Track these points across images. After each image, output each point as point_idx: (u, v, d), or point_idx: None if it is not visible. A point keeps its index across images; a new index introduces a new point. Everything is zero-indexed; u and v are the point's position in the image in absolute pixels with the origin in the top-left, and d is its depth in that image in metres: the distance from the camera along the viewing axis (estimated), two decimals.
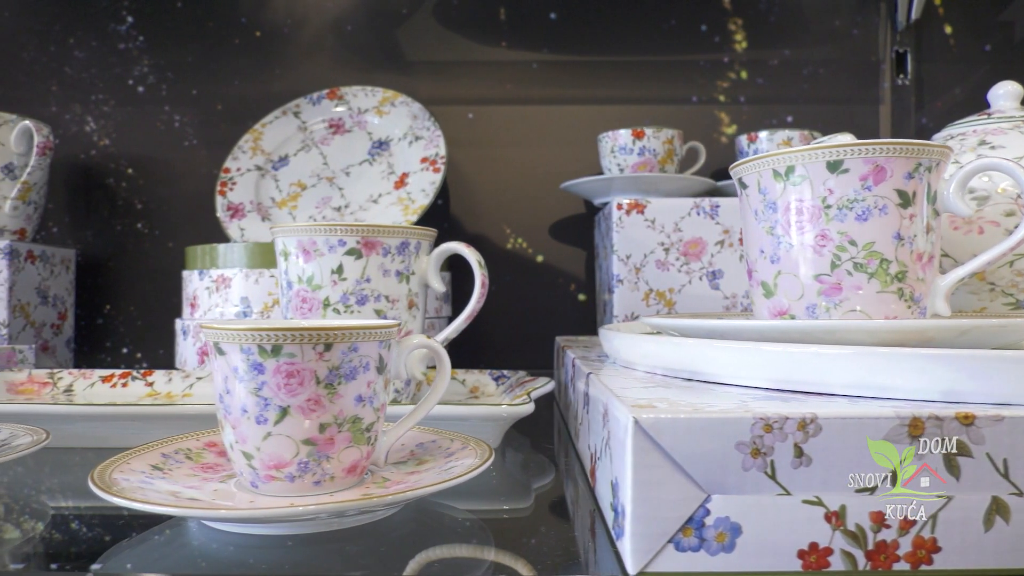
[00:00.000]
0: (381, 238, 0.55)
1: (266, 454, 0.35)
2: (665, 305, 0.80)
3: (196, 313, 0.77)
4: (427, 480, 0.36)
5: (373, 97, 0.94)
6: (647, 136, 0.85)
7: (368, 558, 0.34)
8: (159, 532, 0.38)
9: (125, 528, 0.40)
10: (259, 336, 0.34)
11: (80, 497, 0.46)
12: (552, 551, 0.38)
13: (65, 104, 1.02)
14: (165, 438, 0.42)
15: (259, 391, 0.34)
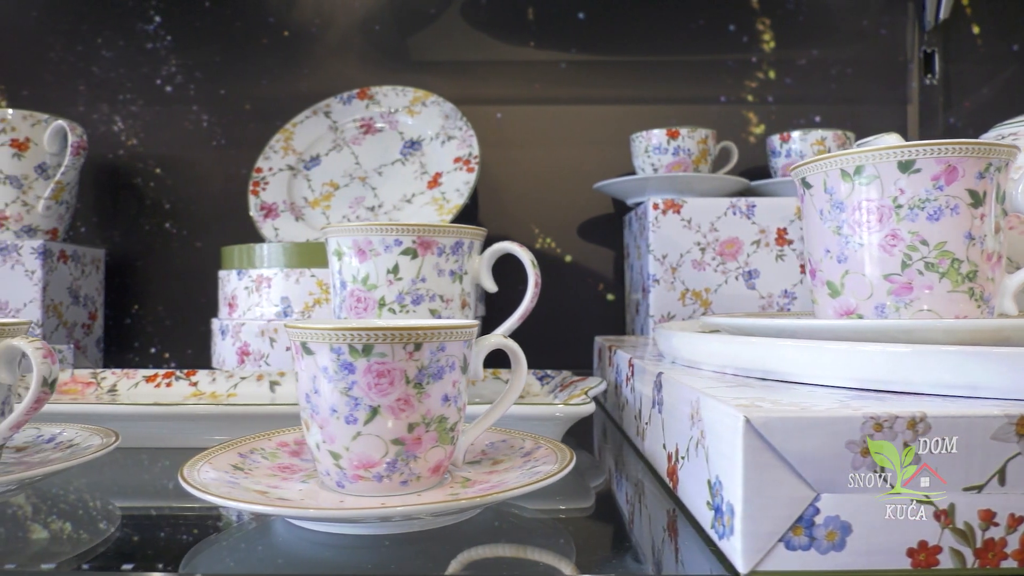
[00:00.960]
0: (436, 237, 0.55)
1: (355, 454, 0.35)
2: (701, 305, 0.80)
3: (235, 313, 0.77)
4: (513, 480, 0.36)
5: (404, 97, 0.94)
6: (682, 136, 0.85)
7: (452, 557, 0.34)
8: (238, 531, 0.38)
9: (202, 528, 0.40)
10: (350, 336, 0.34)
11: (148, 498, 0.46)
12: (629, 550, 0.38)
13: (93, 104, 1.02)
14: (240, 438, 0.42)
15: (349, 391, 0.34)
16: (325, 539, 0.35)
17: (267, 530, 0.37)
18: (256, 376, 0.67)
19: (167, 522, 0.42)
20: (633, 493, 0.47)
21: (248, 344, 0.73)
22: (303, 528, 0.35)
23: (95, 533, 0.38)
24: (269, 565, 0.34)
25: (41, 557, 0.35)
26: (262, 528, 0.37)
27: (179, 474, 0.36)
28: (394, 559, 0.34)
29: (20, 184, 0.85)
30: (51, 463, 0.40)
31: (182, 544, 0.39)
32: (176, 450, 0.53)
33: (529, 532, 0.39)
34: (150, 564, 0.36)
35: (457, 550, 0.35)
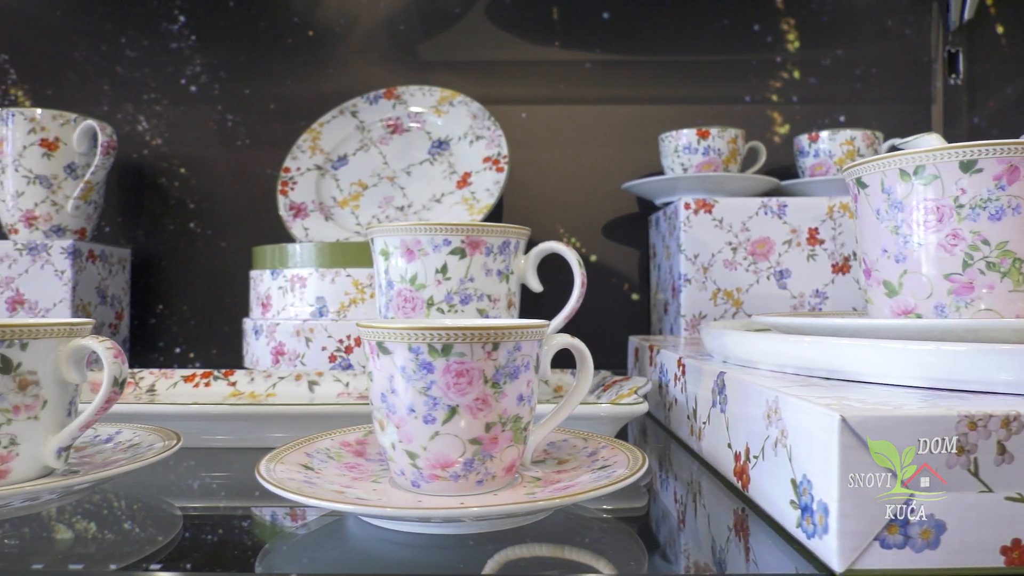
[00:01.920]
0: (485, 237, 0.55)
1: (433, 453, 0.35)
2: (732, 305, 0.81)
3: (268, 313, 0.76)
4: (587, 480, 0.36)
5: (431, 97, 0.94)
6: (712, 136, 0.85)
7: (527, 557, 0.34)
8: (310, 530, 0.38)
9: (266, 528, 0.41)
10: (429, 335, 0.34)
11: (206, 498, 0.46)
12: (694, 549, 0.38)
13: (117, 104, 1.02)
14: (303, 438, 0.42)
15: (427, 390, 0.34)
16: (400, 538, 0.35)
17: (339, 529, 0.37)
18: (294, 376, 0.67)
19: (228, 522, 0.42)
20: (685, 492, 0.47)
21: (283, 344, 0.73)
22: (376, 527, 0.35)
23: (160, 533, 0.38)
24: (346, 564, 0.34)
25: (110, 558, 0.35)
26: (334, 527, 0.38)
27: (257, 473, 0.36)
28: (465, 558, 0.34)
29: (50, 184, 0.85)
30: (118, 464, 0.40)
31: (249, 544, 0.39)
32: (226, 450, 0.53)
33: (601, 531, 0.39)
34: (223, 564, 0.36)
35: (532, 550, 0.35)
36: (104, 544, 0.36)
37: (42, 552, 0.35)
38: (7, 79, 1.01)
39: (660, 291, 0.92)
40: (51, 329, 0.37)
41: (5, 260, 0.83)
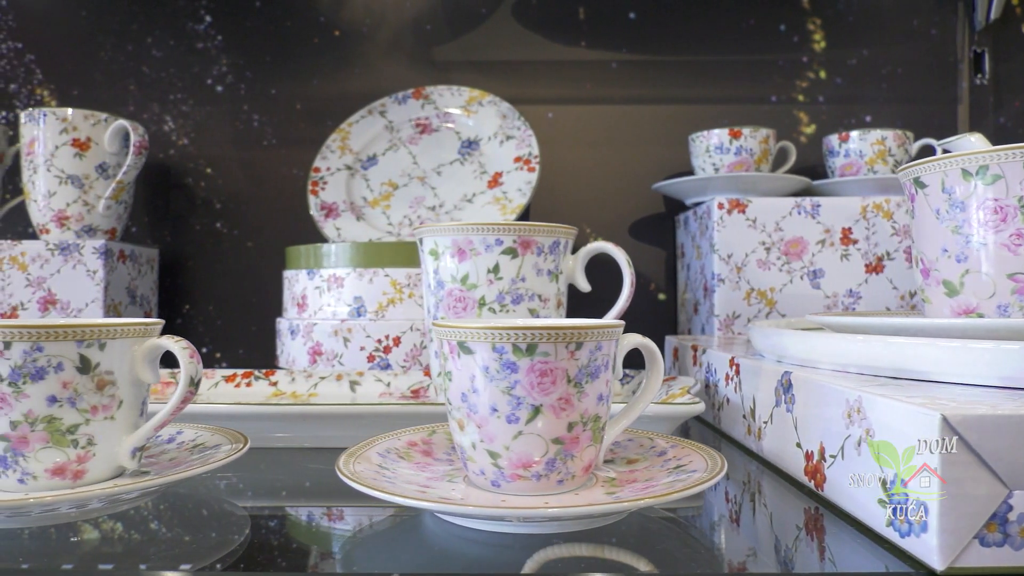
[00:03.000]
0: (536, 237, 0.55)
1: (515, 453, 0.35)
2: (766, 304, 0.81)
3: (304, 313, 0.76)
4: (666, 481, 0.36)
5: (459, 97, 0.94)
6: (744, 135, 0.85)
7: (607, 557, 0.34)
8: (386, 528, 0.38)
9: (337, 527, 0.41)
10: (513, 335, 0.34)
11: (267, 497, 0.46)
12: (760, 547, 0.38)
13: (143, 104, 1.01)
14: (371, 438, 0.42)
15: (511, 390, 0.34)
16: (480, 536, 0.35)
17: (417, 527, 0.37)
18: (335, 376, 0.67)
19: (297, 522, 0.42)
20: (742, 491, 0.47)
21: (320, 344, 0.73)
22: (456, 525, 0.36)
23: (232, 534, 0.38)
24: (428, 563, 0.34)
25: (185, 558, 0.35)
26: (411, 525, 0.38)
27: (339, 471, 0.36)
28: (544, 557, 0.34)
29: (81, 184, 0.85)
30: (189, 463, 0.40)
31: (323, 543, 0.39)
32: (279, 450, 0.53)
33: (675, 532, 0.39)
34: (299, 561, 0.36)
35: (607, 550, 0.35)
36: (178, 545, 0.36)
37: (117, 552, 0.35)
38: (33, 79, 1.01)
39: (689, 291, 0.92)
40: (128, 329, 0.37)
41: (37, 260, 0.83)
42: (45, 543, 0.35)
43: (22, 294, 0.83)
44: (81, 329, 0.35)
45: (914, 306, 0.80)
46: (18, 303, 0.83)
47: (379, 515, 0.40)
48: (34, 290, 0.83)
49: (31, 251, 0.84)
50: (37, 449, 0.35)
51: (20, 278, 0.83)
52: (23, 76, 1.01)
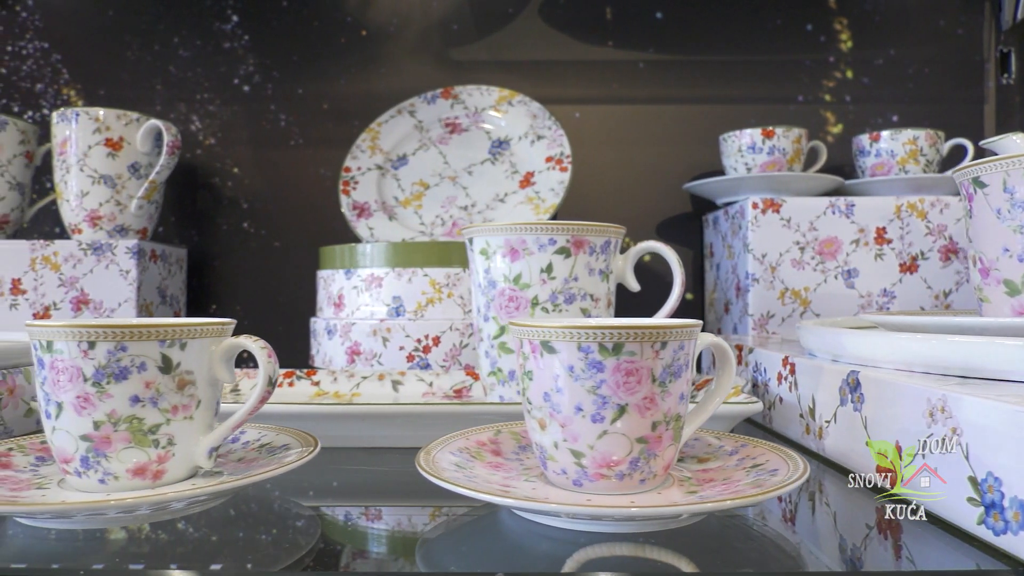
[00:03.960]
0: (589, 236, 0.55)
1: (599, 452, 0.35)
2: (800, 304, 0.81)
3: (341, 312, 0.76)
4: (748, 481, 0.36)
5: (489, 96, 0.94)
6: (777, 135, 0.86)
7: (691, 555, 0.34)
8: (460, 525, 0.38)
9: (406, 525, 0.41)
10: (600, 334, 0.34)
11: (335, 497, 0.46)
12: (827, 545, 0.38)
13: (170, 103, 1.01)
14: (441, 438, 0.42)
15: (597, 389, 0.34)
16: (559, 534, 0.35)
17: (494, 525, 0.37)
18: (377, 376, 0.67)
19: (365, 521, 0.42)
20: (803, 490, 0.47)
21: (359, 343, 0.73)
22: (534, 523, 0.36)
23: (305, 533, 0.38)
24: (510, 560, 0.34)
25: (266, 559, 0.35)
26: (487, 522, 0.38)
27: (421, 469, 0.36)
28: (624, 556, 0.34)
29: (114, 184, 0.85)
30: (259, 463, 0.39)
31: (397, 541, 0.39)
32: (328, 450, 0.52)
33: (752, 534, 0.39)
34: (380, 559, 0.36)
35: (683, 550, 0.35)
36: (253, 545, 0.36)
37: (191, 552, 0.35)
38: (60, 79, 1.01)
39: (719, 290, 0.92)
40: (207, 329, 0.37)
41: (70, 260, 0.83)
42: (116, 543, 0.35)
43: (55, 294, 0.83)
44: (163, 329, 0.35)
45: (948, 305, 0.80)
46: (51, 303, 0.83)
47: (443, 515, 0.41)
48: (67, 290, 0.83)
49: (64, 251, 0.83)
50: (119, 449, 0.35)
51: (53, 278, 0.83)
52: (50, 76, 1.01)
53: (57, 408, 0.35)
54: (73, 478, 0.36)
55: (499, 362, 0.56)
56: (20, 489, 0.36)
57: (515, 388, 0.56)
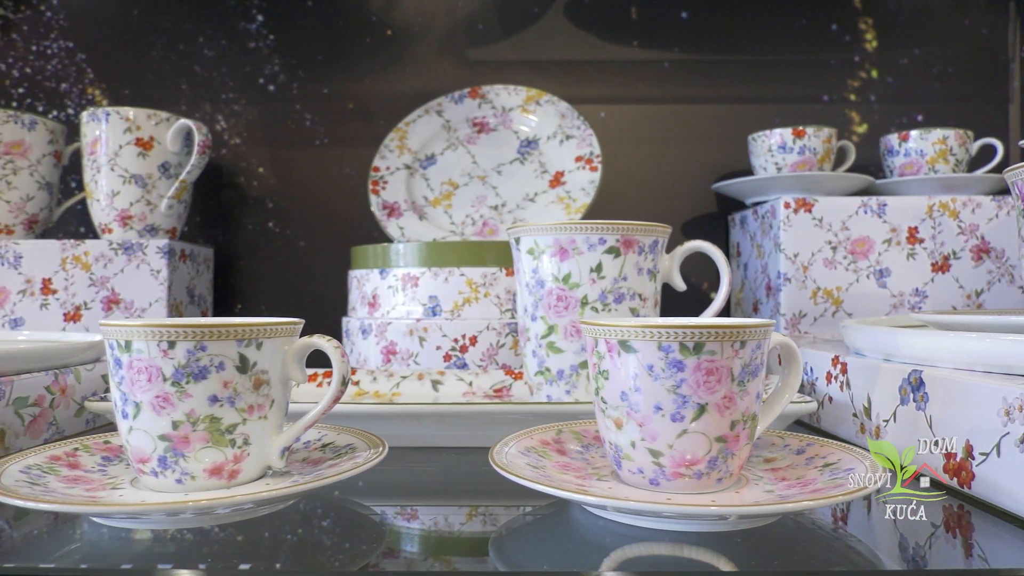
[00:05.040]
0: (638, 236, 0.55)
1: (678, 451, 0.35)
2: (832, 304, 0.81)
3: (376, 312, 0.76)
4: (824, 479, 0.36)
5: (516, 96, 0.94)
6: (808, 135, 0.86)
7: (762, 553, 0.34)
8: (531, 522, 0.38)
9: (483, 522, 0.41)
10: (680, 334, 0.34)
11: (398, 497, 0.46)
12: (890, 545, 0.38)
13: (195, 103, 1.01)
14: (509, 436, 0.42)
15: (677, 388, 0.35)
16: (632, 532, 0.35)
17: (565, 522, 0.37)
18: (416, 376, 0.67)
19: (431, 519, 0.42)
20: None
21: (395, 343, 0.73)
22: (604, 519, 0.36)
23: (373, 533, 0.38)
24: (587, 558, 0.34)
25: (335, 559, 0.35)
26: (558, 519, 0.38)
27: (500, 468, 0.36)
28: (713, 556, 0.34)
29: (144, 183, 0.85)
30: (330, 465, 0.39)
31: (465, 538, 0.39)
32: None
33: (818, 531, 0.39)
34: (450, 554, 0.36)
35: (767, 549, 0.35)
36: (323, 546, 0.36)
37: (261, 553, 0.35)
38: (84, 78, 1.01)
39: (747, 290, 0.93)
40: (281, 328, 0.37)
41: (100, 259, 0.83)
42: (187, 544, 0.35)
43: (85, 294, 0.83)
44: (241, 328, 0.35)
45: (979, 305, 0.80)
46: (81, 303, 0.83)
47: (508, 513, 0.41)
48: (97, 289, 0.83)
49: (94, 250, 0.83)
50: (197, 449, 0.35)
51: (83, 278, 0.83)
52: (74, 76, 1.01)
53: (135, 408, 0.35)
54: (149, 478, 0.36)
55: (547, 361, 0.56)
56: (95, 489, 0.36)
57: (563, 387, 0.56)
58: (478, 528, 0.40)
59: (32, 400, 0.49)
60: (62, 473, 0.38)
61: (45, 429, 0.50)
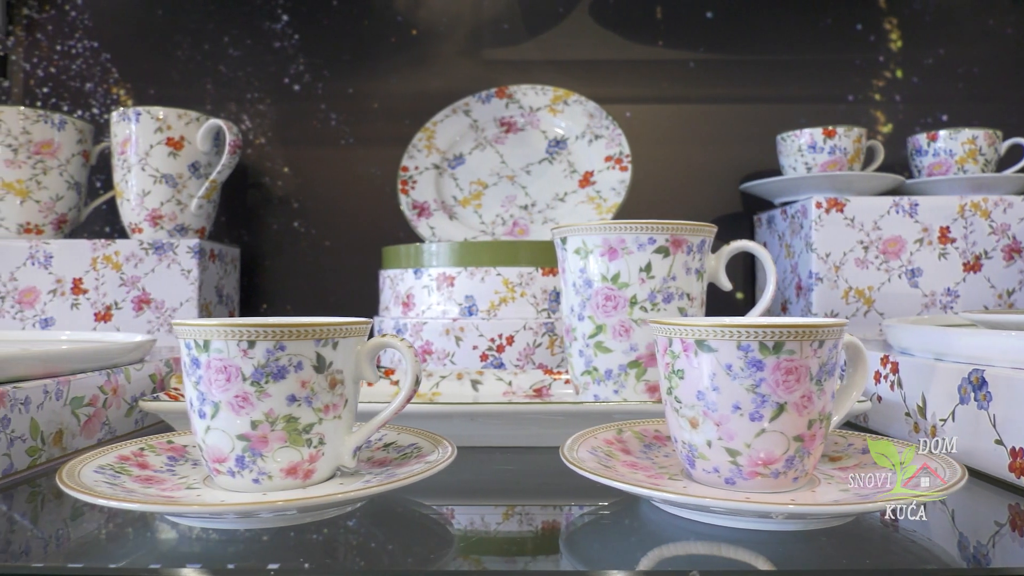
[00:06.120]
0: (687, 236, 0.55)
1: (757, 450, 0.35)
2: (864, 303, 0.81)
3: (410, 312, 0.76)
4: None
5: (544, 96, 0.94)
6: (838, 135, 0.86)
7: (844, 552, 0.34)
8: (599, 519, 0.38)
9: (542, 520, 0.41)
10: (760, 333, 0.34)
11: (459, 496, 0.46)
12: (948, 543, 0.38)
13: (220, 103, 1.01)
14: (575, 435, 0.42)
15: (756, 388, 0.35)
16: (703, 529, 0.35)
17: (635, 519, 0.38)
18: (455, 375, 0.67)
19: (496, 517, 0.42)
20: None
21: (431, 343, 0.73)
22: (676, 516, 0.36)
23: (442, 534, 0.38)
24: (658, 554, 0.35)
25: (415, 558, 0.35)
26: (625, 516, 0.38)
27: (574, 465, 0.36)
28: (792, 554, 0.34)
29: (175, 183, 0.84)
30: (397, 464, 0.39)
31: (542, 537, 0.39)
32: None
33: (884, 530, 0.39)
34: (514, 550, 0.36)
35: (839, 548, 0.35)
36: (395, 546, 0.36)
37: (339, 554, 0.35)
38: (109, 78, 1.01)
39: (780, 289, 0.92)
40: (355, 328, 0.37)
41: (131, 259, 0.83)
42: (251, 543, 0.34)
43: (116, 293, 0.83)
44: (318, 328, 0.35)
45: (1011, 304, 0.80)
46: (112, 302, 0.83)
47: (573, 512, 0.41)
48: (128, 289, 0.83)
49: (125, 250, 0.83)
50: (275, 449, 0.35)
51: (114, 277, 0.83)
52: (99, 75, 1.01)
53: (213, 408, 0.35)
54: (225, 477, 0.36)
55: (594, 361, 0.56)
56: (171, 489, 0.36)
57: (611, 387, 0.56)
58: (548, 527, 0.40)
59: (87, 400, 0.49)
60: (134, 473, 0.38)
61: (99, 429, 0.50)
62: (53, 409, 0.45)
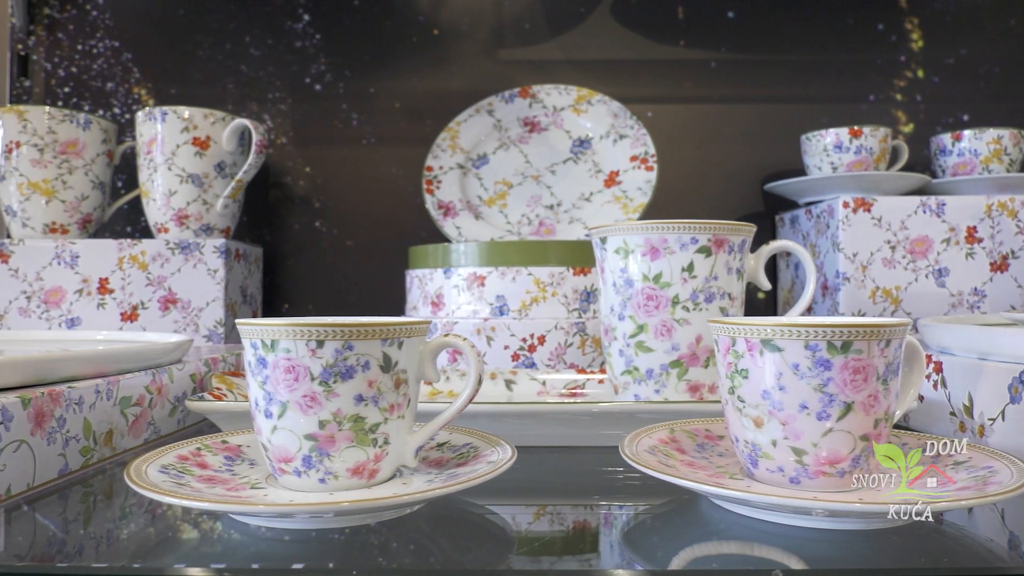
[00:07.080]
0: (728, 235, 0.55)
1: (823, 450, 0.35)
2: (891, 303, 0.81)
3: (440, 311, 0.76)
4: (963, 477, 0.36)
5: (567, 96, 0.94)
6: (864, 134, 0.86)
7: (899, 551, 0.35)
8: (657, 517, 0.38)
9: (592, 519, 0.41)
10: (828, 332, 0.34)
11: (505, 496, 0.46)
12: (1018, 542, 0.38)
13: (241, 102, 1.01)
14: (627, 435, 0.42)
15: (824, 387, 0.35)
16: (766, 527, 0.35)
17: (693, 514, 0.38)
18: (489, 375, 0.67)
19: (551, 517, 0.42)
20: None
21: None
22: (736, 515, 0.36)
23: (500, 531, 0.38)
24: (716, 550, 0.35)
25: (473, 557, 0.35)
26: (683, 511, 0.38)
27: (636, 463, 0.36)
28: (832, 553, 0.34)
29: (201, 183, 0.84)
30: (455, 464, 0.39)
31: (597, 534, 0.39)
32: None
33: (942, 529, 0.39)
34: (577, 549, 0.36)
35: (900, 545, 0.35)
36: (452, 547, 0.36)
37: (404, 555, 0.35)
38: (130, 78, 1.01)
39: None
40: (418, 328, 0.37)
41: (158, 259, 0.83)
42: (312, 544, 0.34)
43: (142, 293, 0.83)
44: (385, 328, 0.35)
45: None
46: (138, 302, 0.83)
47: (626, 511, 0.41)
48: (154, 289, 0.83)
49: (151, 250, 0.83)
50: (342, 448, 0.35)
51: (140, 277, 0.83)
52: (120, 75, 1.01)
53: (281, 408, 0.35)
54: (291, 477, 0.36)
55: (635, 360, 0.56)
56: (235, 488, 0.36)
57: (652, 387, 0.56)
58: (604, 525, 0.40)
59: (134, 400, 0.49)
60: (196, 473, 0.38)
61: (145, 429, 0.50)
62: (104, 409, 0.45)
